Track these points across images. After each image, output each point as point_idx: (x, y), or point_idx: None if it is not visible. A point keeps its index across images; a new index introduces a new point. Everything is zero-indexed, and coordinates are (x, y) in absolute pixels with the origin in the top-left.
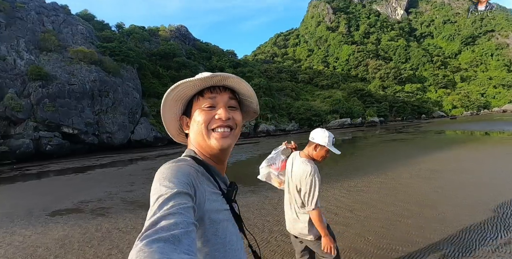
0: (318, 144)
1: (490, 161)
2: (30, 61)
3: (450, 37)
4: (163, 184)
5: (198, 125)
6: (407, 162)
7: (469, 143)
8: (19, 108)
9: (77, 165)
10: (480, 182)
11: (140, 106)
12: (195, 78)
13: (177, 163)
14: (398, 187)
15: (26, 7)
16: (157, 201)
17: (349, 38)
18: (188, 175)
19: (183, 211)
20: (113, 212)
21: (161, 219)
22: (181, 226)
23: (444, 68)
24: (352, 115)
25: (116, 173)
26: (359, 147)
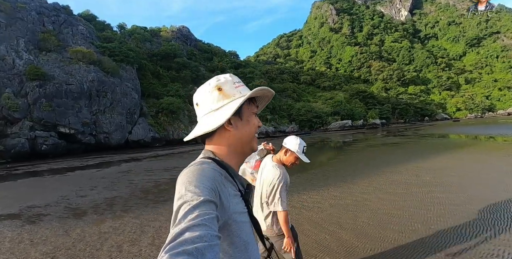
0: (288, 149)
1: (475, 172)
2: (29, 61)
3: (455, 38)
4: (188, 189)
5: (252, 127)
6: (380, 171)
7: (462, 149)
8: (16, 108)
9: (65, 165)
10: (450, 203)
11: (138, 106)
12: (268, 90)
13: (201, 165)
14: (348, 206)
15: (27, 7)
16: (182, 207)
17: (352, 39)
18: (213, 180)
19: (207, 223)
20: (45, 220)
21: (185, 230)
22: (205, 239)
23: (449, 70)
24: (353, 117)
25: (90, 175)
26: (344, 151)
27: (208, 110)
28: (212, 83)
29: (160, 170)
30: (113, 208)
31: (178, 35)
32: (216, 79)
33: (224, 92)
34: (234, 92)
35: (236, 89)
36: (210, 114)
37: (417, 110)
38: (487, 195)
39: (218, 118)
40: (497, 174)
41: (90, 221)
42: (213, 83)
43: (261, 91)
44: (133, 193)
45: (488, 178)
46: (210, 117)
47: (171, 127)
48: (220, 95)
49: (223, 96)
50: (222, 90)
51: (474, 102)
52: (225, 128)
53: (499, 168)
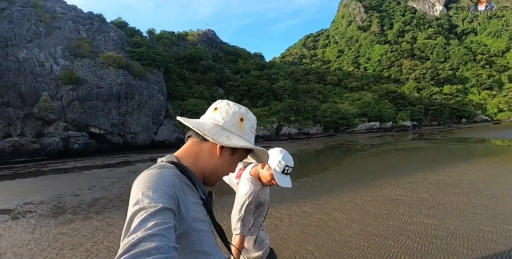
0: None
1: (488, 192)
2: (65, 67)
3: (497, 33)
4: (145, 194)
5: (230, 168)
6: (375, 183)
7: (486, 158)
8: (52, 110)
9: (87, 164)
10: (432, 234)
11: (164, 108)
12: (265, 154)
13: (161, 169)
14: (308, 227)
15: (64, 17)
16: (138, 215)
17: (382, 37)
18: (172, 186)
19: (165, 233)
20: (27, 217)
21: (141, 240)
22: (162, 250)
23: (489, 68)
24: (382, 118)
25: (100, 175)
26: (354, 156)
27: (219, 121)
28: (241, 109)
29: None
30: (90, 209)
31: (204, 38)
32: (246, 111)
33: (242, 124)
34: (247, 132)
35: (250, 132)
36: (218, 128)
37: (453, 111)
38: (485, 229)
39: (220, 136)
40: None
41: (61, 221)
42: (242, 110)
43: (261, 151)
44: (120, 195)
45: (502, 203)
46: (214, 128)
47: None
48: (237, 124)
49: (238, 126)
50: (243, 122)
51: None
52: (215, 147)
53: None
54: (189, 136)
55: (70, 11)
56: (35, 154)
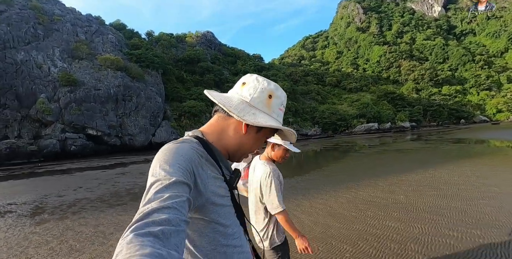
0: (274, 144)
1: (463, 193)
2: (63, 69)
3: (495, 33)
4: (162, 167)
5: (255, 146)
6: (355, 184)
7: (474, 158)
8: (49, 112)
9: (82, 165)
10: (391, 238)
11: (162, 109)
12: (293, 135)
13: (181, 144)
14: None
15: (63, 19)
16: (153, 185)
17: (381, 39)
18: (189, 160)
19: (177, 206)
20: (5, 217)
21: (154, 211)
22: (173, 222)
23: (488, 68)
24: (380, 119)
25: (90, 176)
26: (344, 157)
27: (246, 97)
28: (270, 85)
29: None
30: (69, 209)
31: (202, 40)
32: (275, 86)
33: (271, 101)
34: (275, 110)
35: (278, 110)
36: (245, 104)
37: (452, 112)
38: (450, 234)
39: (246, 113)
40: (494, 201)
41: (37, 221)
42: (271, 86)
43: (289, 132)
44: (102, 196)
45: (476, 206)
46: (241, 104)
47: (193, 129)
48: (265, 100)
49: (266, 104)
50: (271, 99)
51: None
52: (240, 124)
53: (503, 194)
54: (216, 110)
55: (68, 13)
56: (32, 156)
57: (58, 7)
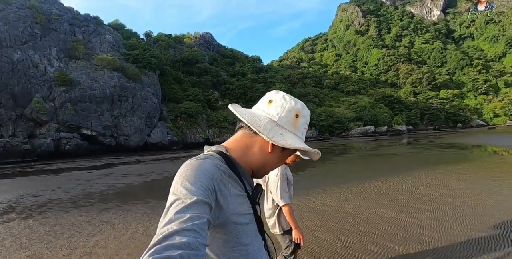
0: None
1: (415, 203)
2: (59, 68)
3: (494, 38)
4: (184, 185)
5: (278, 164)
6: (314, 191)
7: (449, 166)
8: (44, 111)
9: (72, 165)
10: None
11: (158, 110)
12: (317, 155)
13: (203, 160)
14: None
15: (60, 19)
16: (174, 204)
17: (379, 42)
18: (211, 178)
19: (198, 229)
20: None
21: (174, 233)
22: (192, 246)
23: (486, 72)
24: (377, 122)
25: (74, 177)
26: (322, 163)
27: (273, 116)
28: (298, 105)
29: (136, 174)
30: (38, 209)
31: (201, 41)
32: (302, 105)
33: (297, 121)
34: (301, 129)
35: (303, 129)
36: (272, 123)
37: (449, 116)
38: (372, 249)
39: (274, 134)
40: (440, 213)
41: (4, 220)
42: (298, 105)
43: (314, 153)
44: (75, 197)
45: (417, 218)
46: (267, 122)
47: (189, 131)
48: (292, 120)
49: (293, 123)
50: (298, 118)
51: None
52: (267, 143)
53: (454, 205)
54: (241, 127)
55: (66, 13)
56: (26, 155)
57: (56, 6)
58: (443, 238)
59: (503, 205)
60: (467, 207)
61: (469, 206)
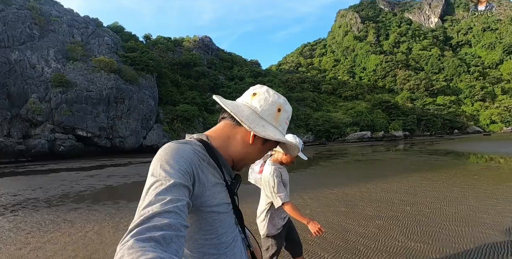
0: None
1: (367, 211)
2: (56, 69)
3: (491, 45)
4: (163, 167)
5: (259, 156)
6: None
7: (426, 173)
8: (39, 112)
9: (63, 166)
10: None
11: (154, 113)
12: (296, 149)
13: (183, 145)
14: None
15: (59, 20)
16: (153, 185)
17: (378, 48)
18: (190, 162)
19: (178, 210)
20: None
21: (155, 215)
22: (174, 228)
23: (483, 79)
24: (374, 128)
25: (57, 178)
26: (314, 166)
27: (256, 108)
28: (280, 99)
29: (120, 176)
30: (12, 208)
31: (200, 44)
32: (284, 101)
33: (279, 115)
34: (282, 123)
35: (285, 124)
36: (254, 115)
37: (446, 122)
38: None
39: (256, 124)
40: (390, 221)
41: None
42: (280, 100)
43: (291, 147)
44: (52, 197)
45: (364, 226)
46: (250, 113)
47: (185, 133)
48: (275, 114)
49: (275, 117)
50: (280, 112)
51: (511, 114)
52: (248, 134)
53: (409, 213)
54: (223, 117)
55: (66, 14)
56: (20, 155)
57: (56, 8)
58: (377, 248)
59: (459, 215)
60: (421, 216)
61: (424, 215)
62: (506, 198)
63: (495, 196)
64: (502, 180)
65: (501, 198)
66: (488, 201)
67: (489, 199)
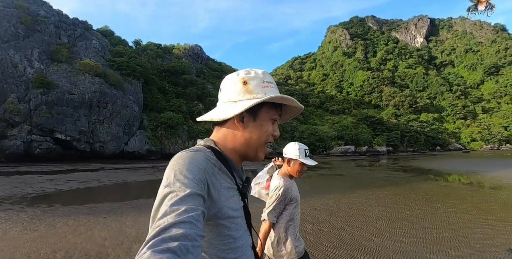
0: (290, 159)
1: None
2: (39, 70)
3: (472, 66)
4: (177, 177)
5: (264, 134)
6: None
7: (370, 190)
8: (17, 112)
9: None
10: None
11: (138, 119)
12: (292, 100)
13: (195, 153)
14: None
15: (47, 21)
16: (168, 197)
17: (365, 64)
18: (203, 170)
19: (194, 220)
20: None
21: (171, 226)
22: (190, 238)
23: (465, 98)
24: (358, 142)
25: (15, 180)
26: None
27: (226, 99)
28: (241, 74)
29: (78, 181)
30: None
31: (190, 53)
32: (245, 72)
33: (248, 87)
34: (258, 90)
35: (262, 88)
36: (227, 104)
37: (428, 139)
38: None
39: (234, 109)
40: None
41: None
42: (241, 74)
43: (282, 100)
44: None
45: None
46: (224, 106)
47: (168, 141)
48: (243, 89)
49: (245, 91)
50: (247, 84)
51: (491, 133)
52: (234, 123)
53: (320, 231)
54: (212, 126)
55: (54, 15)
56: None
57: (45, 8)
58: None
59: (346, 237)
60: (314, 236)
61: (316, 235)
62: (417, 222)
63: (409, 218)
64: (434, 201)
65: (414, 221)
66: (396, 223)
67: (400, 221)
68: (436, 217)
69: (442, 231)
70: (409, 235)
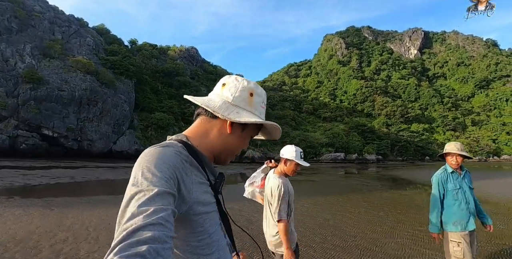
0: (287, 159)
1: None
2: (30, 65)
3: (464, 79)
4: (144, 175)
5: (241, 145)
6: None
7: (327, 197)
8: (4, 106)
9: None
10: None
11: (128, 118)
12: (276, 128)
13: (164, 148)
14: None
15: (41, 16)
16: (135, 197)
17: (359, 73)
18: (173, 166)
19: (163, 221)
20: None
21: (139, 228)
22: (159, 240)
23: (455, 110)
24: (348, 150)
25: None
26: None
27: (227, 97)
28: (250, 84)
29: (51, 177)
30: None
31: (185, 55)
32: (255, 85)
33: (252, 99)
34: (257, 107)
35: (260, 108)
36: (226, 103)
37: (418, 149)
38: None
39: (230, 112)
40: None
41: None
42: (251, 84)
43: (271, 126)
44: None
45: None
46: (223, 103)
47: (158, 142)
48: (247, 99)
49: (248, 102)
50: (252, 97)
51: (479, 145)
52: (225, 125)
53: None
54: (198, 114)
55: (49, 11)
56: None
57: (40, 3)
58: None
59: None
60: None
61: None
62: (343, 229)
63: (338, 225)
64: (378, 209)
65: (342, 228)
66: (321, 230)
67: (328, 228)
68: (366, 226)
69: (359, 239)
70: (327, 242)
